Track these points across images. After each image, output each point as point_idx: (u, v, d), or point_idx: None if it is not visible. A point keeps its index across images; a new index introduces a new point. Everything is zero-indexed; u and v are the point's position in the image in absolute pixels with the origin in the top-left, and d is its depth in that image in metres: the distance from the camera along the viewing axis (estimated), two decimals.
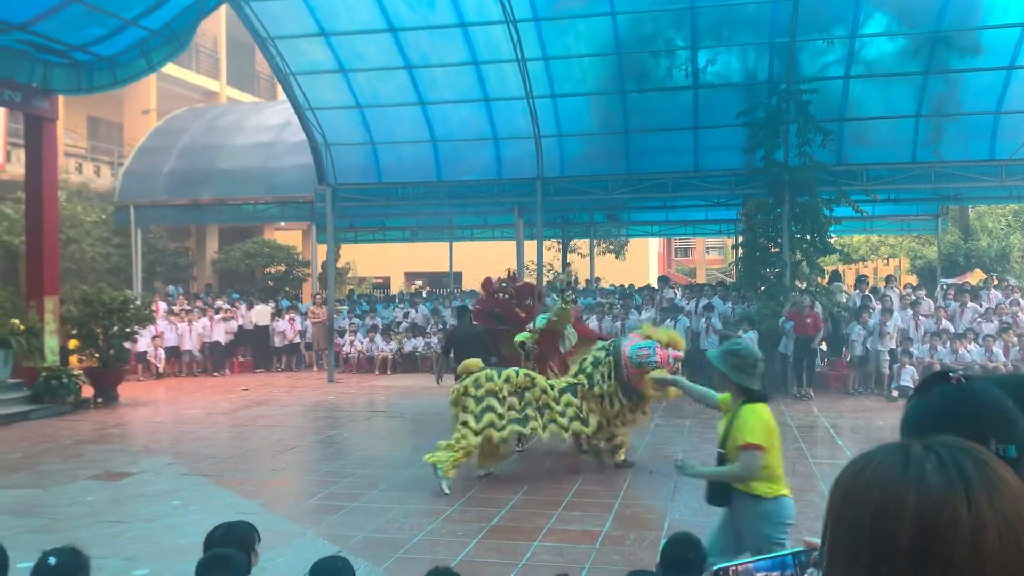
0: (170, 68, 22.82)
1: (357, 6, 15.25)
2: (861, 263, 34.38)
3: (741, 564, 1.41)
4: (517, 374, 8.65)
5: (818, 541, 1.11)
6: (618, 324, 17.01)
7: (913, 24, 14.88)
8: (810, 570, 1.40)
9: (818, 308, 15.30)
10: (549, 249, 23.87)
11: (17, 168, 18.85)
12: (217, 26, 28.06)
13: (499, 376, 8.54)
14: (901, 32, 15.09)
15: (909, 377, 14.00)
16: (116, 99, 24.26)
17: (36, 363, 13.66)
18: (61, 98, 15.05)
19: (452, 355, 10.39)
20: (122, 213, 20.72)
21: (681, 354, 8.79)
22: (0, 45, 13.06)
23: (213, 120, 22.71)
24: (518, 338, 9.82)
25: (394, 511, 7.40)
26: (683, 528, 5.38)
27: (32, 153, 14.51)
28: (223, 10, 19.61)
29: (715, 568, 1.39)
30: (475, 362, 8.81)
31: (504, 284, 10.73)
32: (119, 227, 21.14)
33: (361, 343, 19.40)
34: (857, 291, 17.03)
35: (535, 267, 18.39)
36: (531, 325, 9.73)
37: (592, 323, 17.28)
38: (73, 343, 15.58)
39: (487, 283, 10.96)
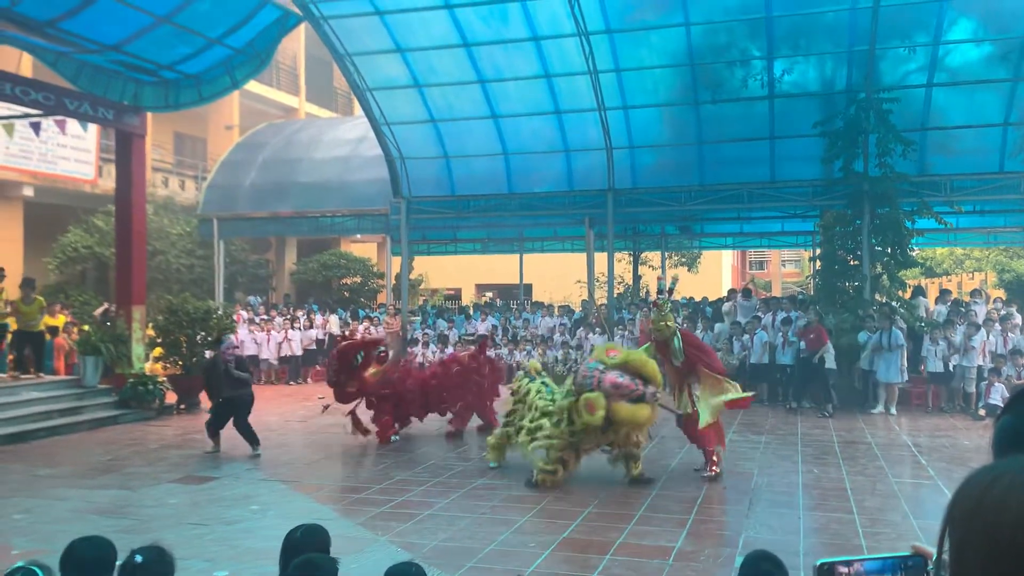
0: (252, 85, 23.54)
1: (432, 22, 15.52)
2: (944, 277, 33.25)
3: (852, 561, 1.40)
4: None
5: (926, 547, 1.12)
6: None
7: (1001, 29, 14.38)
8: None
9: (900, 324, 14.87)
10: (620, 261, 23.75)
11: (108, 182, 19.69)
12: (297, 44, 28.84)
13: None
14: (988, 38, 14.60)
15: (998, 395, 13.45)
16: (200, 115, 25.13)
17: (124, 370, 14.20)
18: (149, 115, 15.66)
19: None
20: (206, 225, 21.45)
21: (625, 380, 8.25)
22: (95, 65, 13.71)
23: (292, 135, 23.32)
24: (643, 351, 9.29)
25: (466, 520, 7.45)
26: (759, 546, 5.29)
27: (122, 168, 15.13)
28: (303, 28, 20.17)
29: (819, 563, 1.39)
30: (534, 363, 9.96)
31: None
32: (203, 239, 21.87)
33: (433, 353, 19.59)
34: (940, 305, 16.47)
35: (606, 279, 18.32)
36: (645, 345, 9.56)
37: None
38: (157, 351, 16.16)
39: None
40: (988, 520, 0.99)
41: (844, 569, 1.38)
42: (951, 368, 14.45)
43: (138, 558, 3.16)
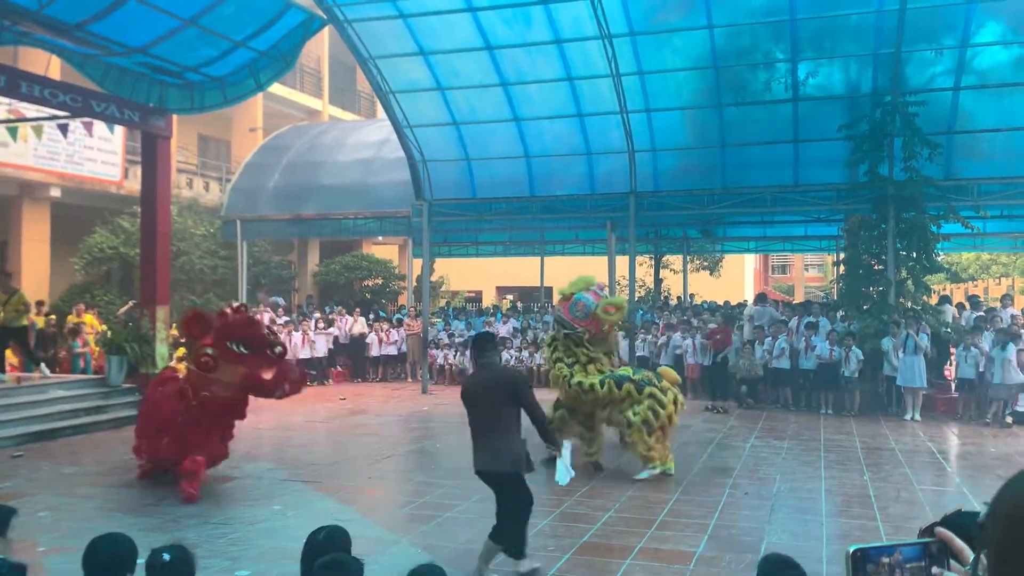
0: (275, 88, 23.68)
1: (455, 25, 15.55)
2: (971, 282, 32.91)
3: (894, 548, 1.41)
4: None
5: (949, 533, 1.13)
6: (697, 339, 16.85)
7: None
8: (937, 569, 1.39)
9: (926, 329, 14.71)
10: (641, 264, 23.66)
11: (134, 184, 19.89)
12: (320, 47, 29.00)
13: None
14: (1016, 40, 14.41)
15: None
16: (225, 117, 25.32)
17: (148, 369, 14.33)
18: (175, 117, 15.80)
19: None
20: (229, 227, 21.62)
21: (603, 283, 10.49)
22: (121, 67, 13.86)
23: (316, 138, 23.46)
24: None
25: (486, 522, 7.39)
26: (781, 551, 5.24)
27: (148, 169, 15.29)
28: (327, 31, 20.26)
29: (852, 549, 1.39)
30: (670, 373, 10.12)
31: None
32: (226, 240, 22.04)
33: (453, 356, 19.65)
34: (968, 311, 16.27)
35: (627, 283, 18.26)
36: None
37: (676, 339, 17.08)
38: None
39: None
40: None
41: (886, 559, 1.39)
42: (979, 375, 14.26)
43: (165, 556, 3.20)
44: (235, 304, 8.78)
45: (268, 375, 8.22)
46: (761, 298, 19.00)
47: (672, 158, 17.26)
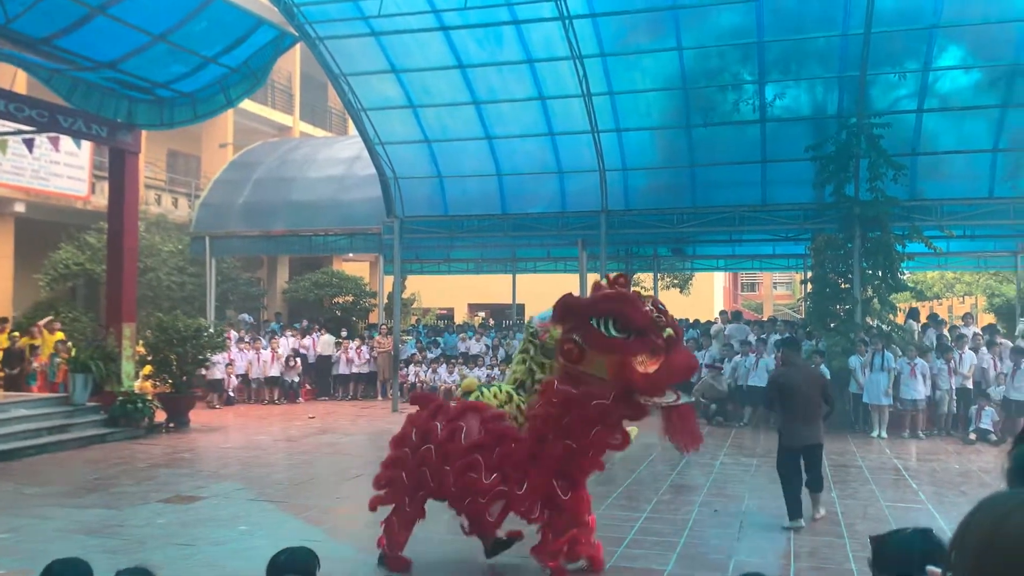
0: (246, 104, 23.55)
1: (427, 44, 15.61)
2: (935, 301, 33.45)
3: None
4: (501, 389, 9.62)
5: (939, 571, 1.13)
6: None
7: (990, 56, 14.56)
8: None
9: (894, 348, 14.89)
10: None
11: (101, 199, 19.67)
12: (292, 63, 28.95)
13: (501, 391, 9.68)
14: (977, 65, 14.77)
15: (989, 420, 13.50)
16: (194, 133, 25.14)
17: (113, 387, 14.12)
18: (143, 132, 15.67)
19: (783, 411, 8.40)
20: (198, 243, 21.41)
21: None
22: (90, 82, 13.74)
23: (286, 154, 23.34)
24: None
25: (457, 543, 7.39)
26: (749, 570, 5.27)
27: (115, 185, 15.12)
28: (298, 48, 20.25)
29: None
30: (474, 381, 9.57)
31: None
32: (194, 257, 21.81)
33: (424, 374, 19.56)
34: (931, 328, 16.51)
35: None
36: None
37: None
38: (147, 369, 16.08)
39: None
40: (1005, 550, 0.98)
41: None
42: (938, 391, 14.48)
43: None
44: (613, 275, 6.27)
45: (649, 367, 5.65)
46: (736, 316, 19.13)
47: (642, 177, 17.42)
